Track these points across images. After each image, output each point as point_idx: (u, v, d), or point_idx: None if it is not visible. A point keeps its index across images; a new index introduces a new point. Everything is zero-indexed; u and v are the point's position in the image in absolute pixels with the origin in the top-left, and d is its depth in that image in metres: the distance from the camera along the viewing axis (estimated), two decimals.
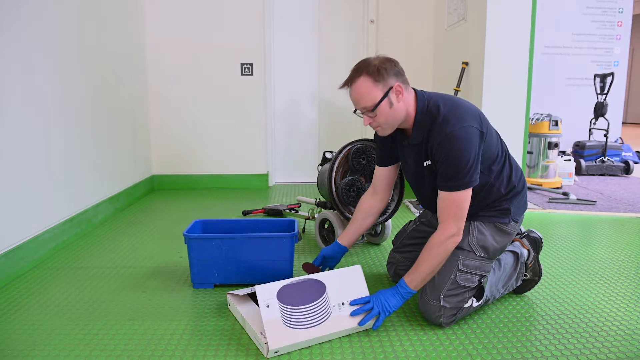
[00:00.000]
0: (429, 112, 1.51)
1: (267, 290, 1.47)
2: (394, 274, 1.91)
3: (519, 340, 1.48)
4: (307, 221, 2.82)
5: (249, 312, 1.55)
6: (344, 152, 2.24)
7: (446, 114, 1.47)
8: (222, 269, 1.84)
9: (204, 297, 1.79)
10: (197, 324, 1.58)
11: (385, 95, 1.48)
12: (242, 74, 3.92)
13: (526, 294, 1.83)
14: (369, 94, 1.49)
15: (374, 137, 1.81)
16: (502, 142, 1.64)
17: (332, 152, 2.51)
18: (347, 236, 1.84)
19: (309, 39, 4.13)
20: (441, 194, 1.50)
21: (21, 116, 2.10)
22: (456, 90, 3.34)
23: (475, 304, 1.60)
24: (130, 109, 3.47)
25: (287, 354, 1.39)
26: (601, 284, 1.93)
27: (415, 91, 1.57)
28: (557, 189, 3.91)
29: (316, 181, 2.50)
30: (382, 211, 1.94)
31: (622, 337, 1.49)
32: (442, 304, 1.52)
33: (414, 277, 1.53)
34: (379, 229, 2.45)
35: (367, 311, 1.51)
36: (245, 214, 3.07)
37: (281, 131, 4.25)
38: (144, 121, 3.77)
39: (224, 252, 1.81)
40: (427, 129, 1.52)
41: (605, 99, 4.99)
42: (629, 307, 1.71)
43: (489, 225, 1.62)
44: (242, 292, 1.61)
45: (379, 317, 1.50)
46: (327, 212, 2.34)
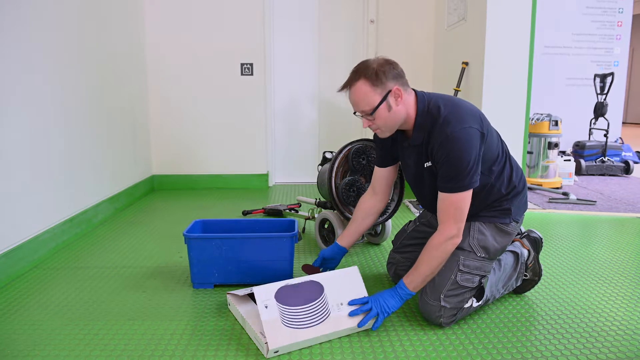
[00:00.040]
0: (430, 113, 1.51)
1: (265, 291, 1.47)
2: (394, 274, 1.91)
3: (519, 340, 1.48)
4: (307, 221, 2.82)
5: (249, 312, 1.55)
6: (344, 152, 2.24)
7: (447, 115, 1.47)
8: (222, 269, 1.84)
9: (204, 297, 1.79)
10: (197, 324, 1.58)
11: (383, 99, 1.48)
12: (242, 74, 3.92)
13: (526, 294, 1.83)
14: (367, 98, 1.48)
15: (373, 138, 1.81)
16: (503, 143, 1.64)
17: (332, 152, 2.51)
18: (346, 237, 1.84)
19: (309, 39, 4.13)
20: (441, 195, 1.50)
21: (21, 116, 2.10)
22: (456, 90, 3.34)
23: (475, 304, 1.60)
24: (130, 109, 3.47)
25: (287, 354, 1.39)
26: (601, 284, 1.93)
27: (415, 92, 1.57)
28: (557, 189, 3.91)
29: (316, 181, 2.50)
30: (382, 211, 1.94)
31: (622, 337, 1.49)
32: (443, 304, 1.52)
33: (413, 279, 1.53)
34: (379, 229, 2.45)
35: (366, 312, 1.50)
36: (245, 214, 3.07)
37: (281, 131, 4.25)
38: (144, 121, 3.77)
39: (224, 252, 1.81)
40: (427, 130, 1.51)
41: (605, 99, 4.99)
42: (629, 307, 1.71)
43: (490, 225, 1.62)
44: (242, 292, 1.62)
45: (378, 318, 1.50)
46: (327, 212, 2.34)
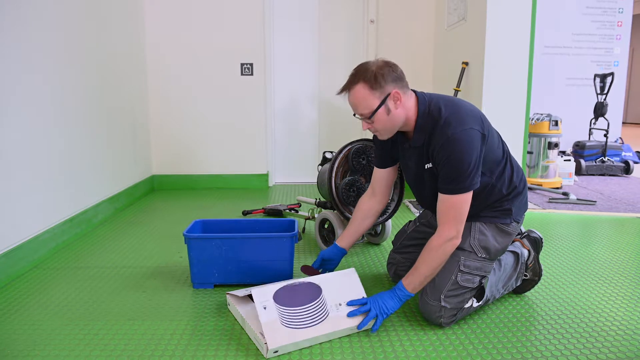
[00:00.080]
0: (431, 114, 1.50)
1: (263, 293, 1.48)
2: (394, 274, 1.91)
3: (519, 340, 1.48)
4: (307, 221, 2.82)
5: (248, 313, 1.55)
6: (344, 152, 2.24)
7: (448, 117, 1.46)
8: (222, 269, 1.84)
9: (204, 297, 1.79)
10: (197, 324, 1.58)
11: (382, 102, 1.47)
12: (242, 74, 3.92)
13: (526, 294, 1.83)
14: (366, 101, 1.48)
15: (372, 139, 1.81)
16: (504, 143, 1.64)
17: (332, 152, 2.51)
18: (345, 238, 1.83)
19: (309, 39, 4.13)
20: (441, 197, 1.49)
21: (21, 116, 2.10)
22: (456, 90, 3.34)
23: (475, 304, 1.60)
24: (130, 109, 3.47)
25: (287, 354, 1.39)
26: (601, 284, 1.93)
27: (416, 93, 1.56)
28: (557, 189, 3.91)
29: (316, 181, 2.50)
30: (382, 211, 1.94)
31: (622, 337, 1.49)
32: (443, 304, 1.52)
33: (411, 280, 1.52)
34: (379, 229, 2.45)
35: (365, 313, 1.50)
36: (245, 214, 3.07)
37: (281, 131, 4.24)
38: (144, 121, 3.77)
39: (224, 252, 1.81)
40: (428, 131, 1.51)
41: (605, 99, 4.99)
42: (629, 307, 1.71)
43: (491, 225, 1.62)
44: (242, 293, 1.61)
45: (377, 319, 1.50)
46: (327, 212, 2.34)
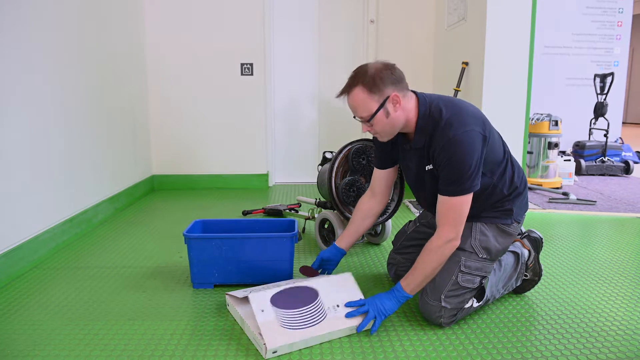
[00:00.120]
0: (431, 116, 1.50)
1: (260, 297, 1.49)
2: (394, 275, 1.91)
3: (519, 340, 1.48)
4: (307, 221, 2.82)
5: (247, 313, 1.55)
6: (344, 152, 2.24)
7: (449, 118, 1.46)
8: (222, 269, 1.84)
9: (204, 297, 1.79)
10: (197, 324, 1.58)
11: (381, 106, 1.47)
12: (242, 74, 3.92)
13: (526, 294, 1.82)
14: (365, 105, 1.48)
15: (372, 139, 1.80)
16: (504, 144, 1.63)
17: (332, 152, 2.51)
18: (345, 239, 1.83)
19: (309, 39, 4.13)
20: (441, 198, 1.49)
21: (21, 116, 2.10)
22: (456, 90, 3.34)
23: (475, 304, 1.60)
24: (130, 109, 3.47)
25: (287, 354, 1.39)
26: (601, 284, 1.93)
27: (416, 95, 1.55)
28: (557, 189, 3.90)
29: (316, 181, 2.50)
30: (382, 211, 1.94)
31: (622, 337, 1.49)
32: (443, 304, 1.51)
33: (410, 281, 1.52)
34: (379, 229, 2.45)
35: (363, 314, 1.50)
36: (245, 214, 3.07)
37: (281, 131, 4.24)
38: (144, 121, 3.77)
39: (224, 252, 1.81)
40: (429, 133, 1.50)
41: (605, 99, 4.99)
42: (629, 307, 1.71)
43: (492, 226, 1.61)
44: (241, 294, 1.61)
45: (376, 320, 1.50)
46: (327, 212, 2.34)
